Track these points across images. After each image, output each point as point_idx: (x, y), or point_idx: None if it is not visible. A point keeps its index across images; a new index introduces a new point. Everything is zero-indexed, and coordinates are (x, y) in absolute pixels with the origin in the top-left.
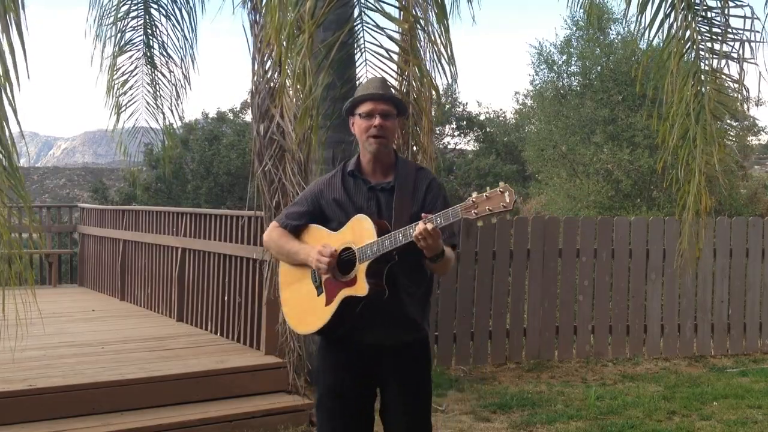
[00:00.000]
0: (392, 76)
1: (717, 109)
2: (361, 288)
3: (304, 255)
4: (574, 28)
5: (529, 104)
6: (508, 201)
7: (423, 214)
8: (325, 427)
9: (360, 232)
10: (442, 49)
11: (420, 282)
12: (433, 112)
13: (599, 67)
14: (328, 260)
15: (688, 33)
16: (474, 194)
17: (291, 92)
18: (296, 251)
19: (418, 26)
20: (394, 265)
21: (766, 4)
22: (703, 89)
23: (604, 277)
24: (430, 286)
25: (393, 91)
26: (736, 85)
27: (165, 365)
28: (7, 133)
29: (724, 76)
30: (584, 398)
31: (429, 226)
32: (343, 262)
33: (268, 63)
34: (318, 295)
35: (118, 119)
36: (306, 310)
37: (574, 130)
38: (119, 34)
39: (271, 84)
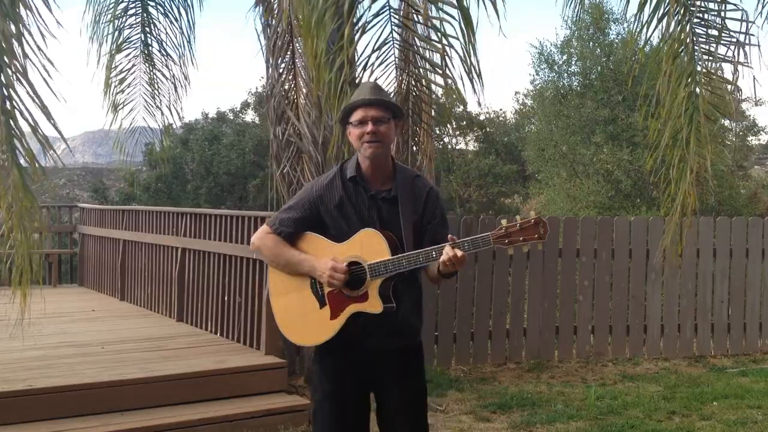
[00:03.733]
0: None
1: (711, 111)
2: (375, 305)
3: (309, 267)
4: (574, 28)
5: (529, 104)
6: (542, 233)
7: (450, 236)
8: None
9: (370, 247)
10: (469, 65)
11: (412, 290)
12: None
13: (599, 67)
14: (343, 277)
15: (683, 34)
16: (504, 222)
17: (307, 95)
18: (298, 261)
19: (446, 42)
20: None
21: (758, 2)
22: (697, 90)
23: (604, 277)
24: (421, 293)
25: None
26: (730, 87)
27: (165, 365)
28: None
29: (718, 78)
30: (584, 398)
31: (459, 252)
32: (350, 276)
33: (282, 66)
34: (321, 308)
35: (116, 118)
36: (307, 322)
37: (574, 130)
38: (117, 32)
39: (286, 87)
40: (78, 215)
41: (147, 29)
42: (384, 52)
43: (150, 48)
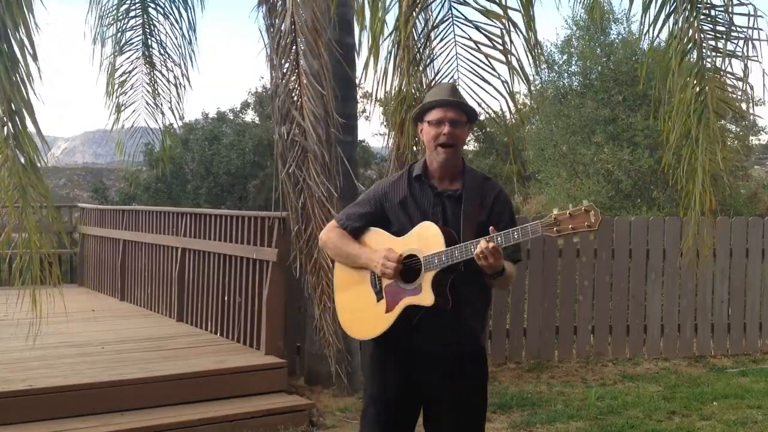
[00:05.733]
0: (482, 69)
1: (720, 107)
2: (427, 298)
3: (366, 259)
4: (575, 28)
5: (529, 104)
6: (593, 221)
7: (491, 228)
8: None
9: (426, 240)
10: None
11: (479, 293)
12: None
13: (599, 67)
14: (395, 265)
15: (691, 31)
16: (555, 210)
17: (311, 93)
18: (357, 254)
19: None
20: (457, 275)
21: None
22: (706, 88)
23: (604, 277)
24: (489, 298)
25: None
26: (740, 83)
27: (165, 365)
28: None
29: (727, 74)
30: (584, 398)
31: (491, 244)
32: (407, 269)
33: (286, 65)
34: (378, 302)
35: (118, 119)
36: (364, 316)
37: (574, 130)
38: (118, 34)
39: (290, 86)
40: (78, 215)
41: (147, 31)
42: (442, 31)
43: (151, 50)
